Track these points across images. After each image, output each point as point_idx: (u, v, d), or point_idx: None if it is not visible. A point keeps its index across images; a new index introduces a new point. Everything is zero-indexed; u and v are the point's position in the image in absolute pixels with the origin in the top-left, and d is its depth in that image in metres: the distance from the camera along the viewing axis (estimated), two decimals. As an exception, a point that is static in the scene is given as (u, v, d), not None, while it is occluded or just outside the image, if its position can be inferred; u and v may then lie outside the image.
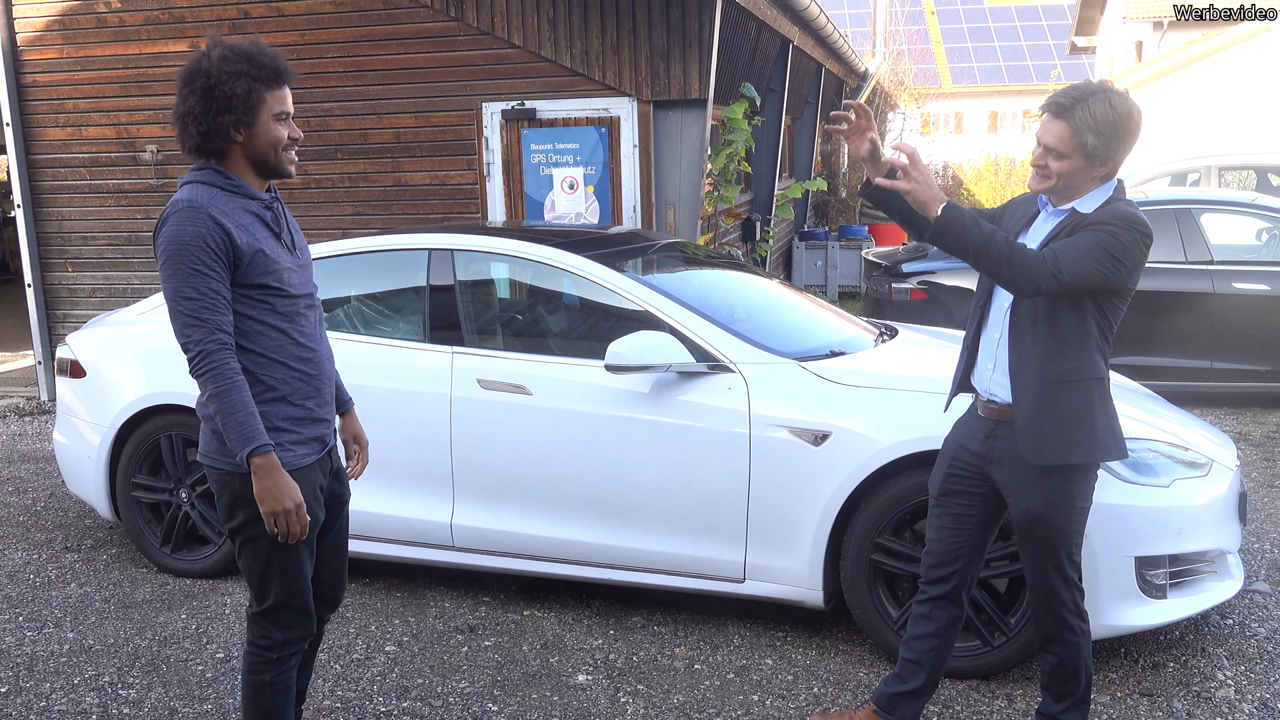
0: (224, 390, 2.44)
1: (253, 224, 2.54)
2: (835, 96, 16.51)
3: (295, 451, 2.59)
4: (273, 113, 2.53)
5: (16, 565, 4.89)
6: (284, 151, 2.57)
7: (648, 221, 7.39)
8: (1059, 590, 2.94)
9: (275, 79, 2.53)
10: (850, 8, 30.91)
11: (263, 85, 2.50)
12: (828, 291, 12.79)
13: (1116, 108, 2.72)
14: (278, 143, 2.55)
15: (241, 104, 2.48)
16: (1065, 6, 31.43)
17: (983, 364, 2.98)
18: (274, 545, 2.59)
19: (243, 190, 2.56)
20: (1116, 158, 2.78)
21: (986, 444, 2.96)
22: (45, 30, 8.17)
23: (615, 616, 4.19)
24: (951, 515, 3.06)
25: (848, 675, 3.70)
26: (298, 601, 2.67)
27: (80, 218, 8.46)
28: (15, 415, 7.99)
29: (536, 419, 4.05)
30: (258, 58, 2.50)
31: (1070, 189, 2.81)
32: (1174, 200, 7.49)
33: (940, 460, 3.11)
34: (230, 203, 2.52)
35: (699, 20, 7.08)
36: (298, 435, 2.60)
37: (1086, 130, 2.72)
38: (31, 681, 3.75)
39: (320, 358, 2.67)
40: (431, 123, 7.66)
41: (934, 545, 3.10)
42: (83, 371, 4.84)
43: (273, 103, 2.52)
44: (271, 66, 2.52)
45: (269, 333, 2.55)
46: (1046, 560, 2.91)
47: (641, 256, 4.72)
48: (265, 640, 2.69)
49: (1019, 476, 2.89)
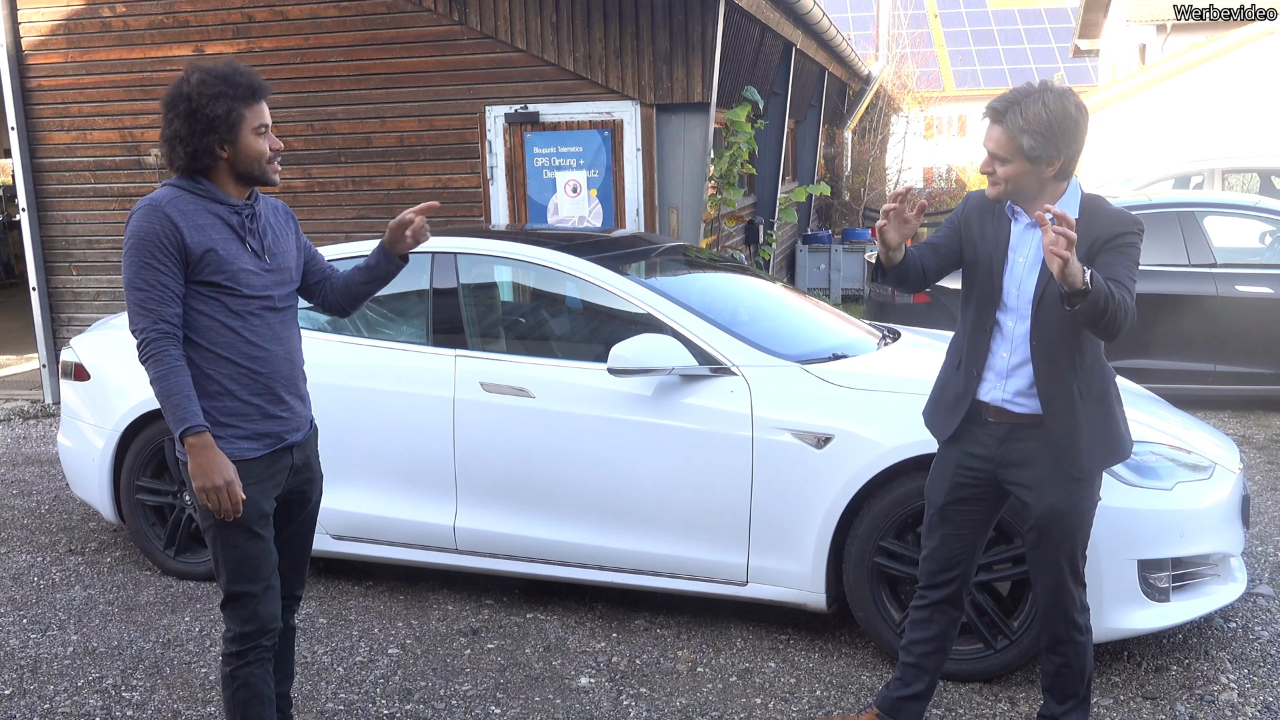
0: (162, 375, 2.56)
1: (213, 225, 2.66)
2: (838, 100, 16.53)
3: (238, 445, 2.68)
4: (252, 127, 2.66)
5: (21, 568, 4.90)
6: (267, 164, 2.71)
7: (651, 225, 7.40)
8: (1070, 588, 2.95)
9: (252, 95, 2.66)
10: (854, 10, 30.94)
11: (240, 103, 2.63)
12: (830, 294, 12.79)
13: (1050, 107, 2.70)
14: (261, 156, 2.69)
15: (223, 124, 2.62)
16: (1069, 9, 31.46)
17: (991, 383, 2.94)
18: (219, 533, 2.68)
19: (210, 195, 2.68)
20: (1060, 156, 2.75)
21: (1002, 448, 2.93)
22: (50, 35, 8.19)
23: (618, 619, 4.19)
24: (955, 522, 3.05)
25: (850, 678, 3.70)
26: (245, 588, 2.71)
27: (85, 221, 8.48)
28: (20, 418, 8.01)
29: (539, 422, 4.05)
30: (234, 78, 2.64)
31: (1021, 193, 2.80)
32: (1177, 203, 7.48)
33: (940, 469, 3.08)
34: (193, 204, 2.65)
35: (702, 24, 7.09)
36: (242, 430, 2.69)
37: (1021, 133, 2.71)
38: (36, 684, 3.76)
39: (273, 358, 2.74)
40: (435, 126, 7.67)
41: (936, 551, 3.09)
42: (87, 374, 4.86)
43: (251, 118, 2.66)
44: (247, 84, 2.65)
45: (218, 329, 2.66)
46: (1063, 558, 2.92)
47: (644, 260, 4.73)
48: (228, 632, 2.76)
49: (1044, 476, 2.89)
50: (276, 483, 2.78)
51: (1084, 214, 2.80)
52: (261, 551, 2.73)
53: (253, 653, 2.75)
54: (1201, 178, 11.37)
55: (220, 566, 2.72)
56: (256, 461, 2.71)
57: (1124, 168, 14.39)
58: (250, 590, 2.72)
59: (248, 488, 2.67)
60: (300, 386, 2.85)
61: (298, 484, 2.87)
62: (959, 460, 3.02)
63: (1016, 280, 2.88)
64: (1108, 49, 25.11)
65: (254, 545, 2.71)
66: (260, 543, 2.72)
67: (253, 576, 2.72)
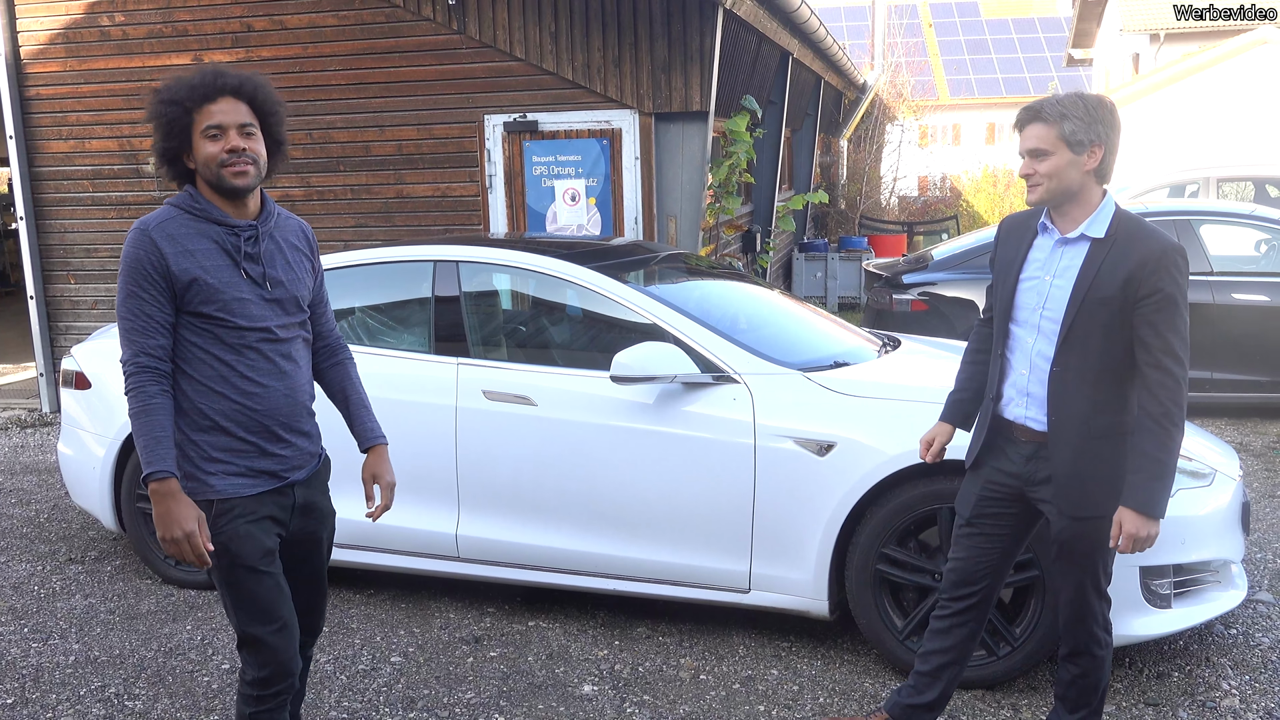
0: (138, 411, 2.44)
1: (206, 250, 2.51)
2: (834, 108, 16.58)
3: (231, 481, 2.54)
4: (200, 129, 2.49)
5: (21, 577, 4.90)
6: (222, 167, 2.49)
7: (649, 233, 7.41)
8: (1092, 603, 2.93)
9: (202, 98, 2.49)
10: (848, 20, 31.04)
11: (192, 105, 2.48)
12: (827, 302, 12.82)
13: (1086, 97, 2.75)
14: (210, 160, 2.49)
15: (177, 128, 2.50)
16: (1062, 19, 31.58)
17: (1013, 399, 2.94)
18: (223, 573, 2.56)
19: (208, 215, 2.53)
20: (1101, 143, 2.73)
21: (1029, 466, 2.92)
22: (49, 43, 8.20)
23: (621, 627, 4.20)
24: (983, 535, 3.03)
25: (853, 685, 3.71)
26: (257, 632, 2.57)
27: (82, 230, 8.48)
28: (17, 427, 7.99)
29: (541, 430, 4.06)
30: (188, 80, 2.50)
31: (1064, 191, 2.76)
32: (1173, 212, 7.52)
33: (970, 483, 3.07)
34: (187, 227, 2.51)
35: (700, 33, 7.12)
36: (235, 467, 2.55)
37: (1062, 119, 2.71)
38: (38, 693, 3.76)
39: (271, 394, 2.58)
40: (433, 135, 7.69)
41: (961, 564, 3.07)
42: (88, 383, 4.85)
43: (200, 119, 2.49)
44: (199, 84, 2.49)
45: (211, 361, 2.52)
46: (1084, 574, 2.90)
47: (644, 268, 4.74)
48: (246, 674, 2.63)
49: None
50: (275, 525, 2.61)
51: (1120, 234, 2.75)
52: (270, 590, 2.57)
53: (273, 699, 2.62)
54: (1196, 186, 11.43)
55: (229, 607, 2.59)
56: (255, 499, 2.57)
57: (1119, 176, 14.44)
58: (262, 633, 2.57)
59: (245, 524, 2.53)
60: (304, 422, 2.67)
61: (305, 525, 2.72)
62: (988, 475, 3.01)
63: (1040, 297, 2.85)
64: (1101, 58, 25.22)
65: (260, 584, 2.56)
66: (267, 580, 2.57)
67: (263, 617, 2.57)
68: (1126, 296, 2.71)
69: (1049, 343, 2.83)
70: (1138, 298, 2.70)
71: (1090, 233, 2.78)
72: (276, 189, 7.77)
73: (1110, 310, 2.72)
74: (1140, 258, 2.70)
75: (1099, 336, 2.76)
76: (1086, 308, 2.75)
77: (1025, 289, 2.89)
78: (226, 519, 2.54)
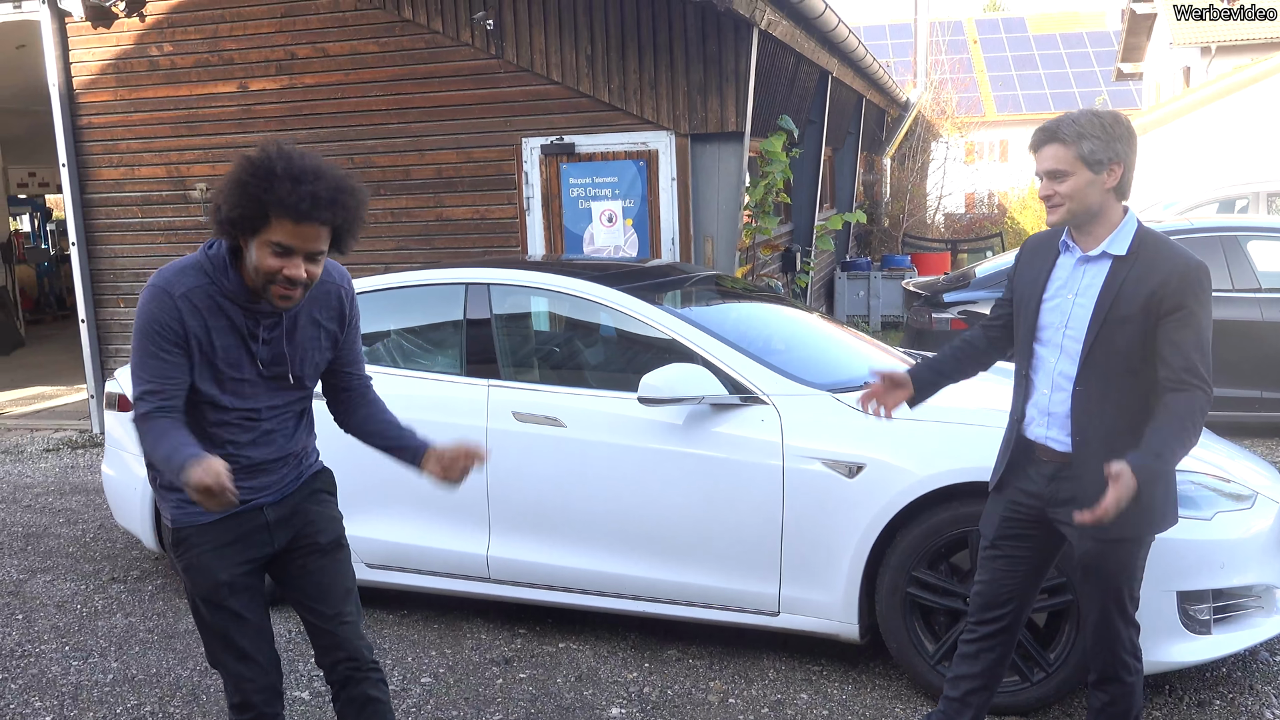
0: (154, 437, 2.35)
1: (221, 329, 2.43)
2: (876, 127, 16.51)
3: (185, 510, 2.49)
4: (269, 240, 2.31)
5: (65, 595, 4.99)
6: (271, 284, 2.36)
7: (686, 254, 7.42)
8: (1118, 628, 2.87)
9: (286, 212, 2.28)
10: (894, 38, 30.95)
11: (271, 210, 2.28)
12: (870, 322, 12.73)
13: (1101, 114, 2.74)
14: (263, 270, 2.35)
15: (248, 214, 2.30)
16: (1111, 33, 31.24)
17: (1035, 419, 2.91)
18: (192, 604, 2.56)
19: (229, 292, 2.42)
20: (1120, 161, 2.71)
21: (1050, 486, 2.89)
22: (100, 74, 8.41)
23: (650, 649, 4.18)
24: (1007, 558, 2.99)
25: (884, 710, 3.66)
26: (225, 662, 2.56)
27: (131, 255, 8.67)
28: (68, 448, 8.16)
29: (571, 451, 4.07)
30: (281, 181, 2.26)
31: (1085, 210, 2.74)
32: (1221, 228, 7.38)
33: (993, 504, 3.04)
34: (210, 300, 2.41)
35: (735, 54, 7.13)
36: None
37: (1080, 139, 2.69)
38: (75, 711, 3.82)
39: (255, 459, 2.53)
40: (472, 158, 7.77)
41: (986, 587, 3.03)
42: (130, 405, 4.95)
43: (274, 229, 2.30)
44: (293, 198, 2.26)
45: (198, 417, 2.47)
46: (1109, 598, 2.85)
47: (677, 289, 4.74)
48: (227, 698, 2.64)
49: None
50: (243, 549, 2.54)
51: (1142, 252, 2.72)
52: (224, 621, 2.53)
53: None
54: (1246, 201, 11.21)
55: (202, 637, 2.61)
56: (212, 526, 2.50)
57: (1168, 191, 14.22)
58: (225, 660, 2.56)
59: (201, 554, 2.49)
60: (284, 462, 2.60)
61: (296, 535, 2.64)
62: (1011, 496, 2.98)
63: (1064, 316, 2.81)
64: (1151, 72, 24.89)
65: (215, 615, 2.53)
66: (222, 612, 2.52)
67: (222, 646, 2.55)
68: (1149, 314, 2.68)
69: (1071, 362, 2.79)
70: (1160, 315, 2.67)
71: (1112, 250, 2.75)
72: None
73: (1132, 328, 2.68)
74: (1163, 275, 2.67)
75: (1121, 355, 2.72)
76: (1108, 326, 2.72)
77: (1049, 308, 2.86)
78: (183, 548, 2.52)
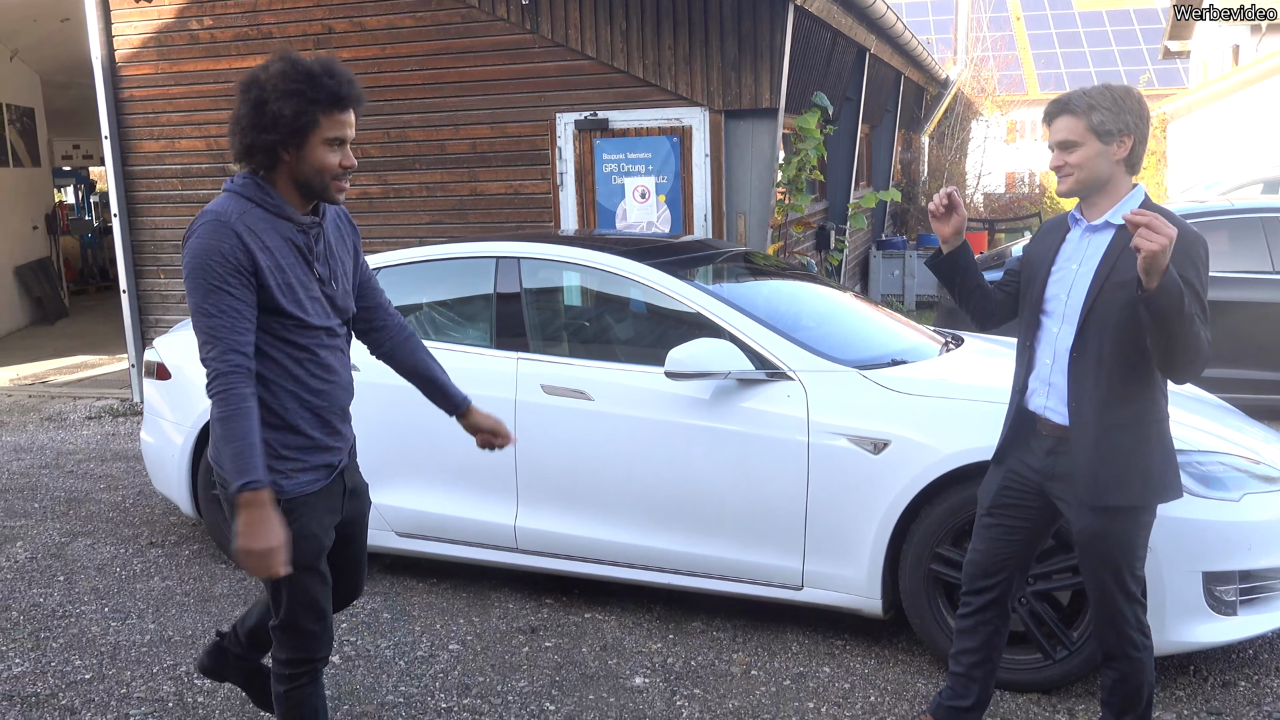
0: (228, 416, 2.33)
1: (281, 247, 2.44)
2: (915, 104, 16.34)
3: (299, 479, 2.53)
4: (325, 137, 2.38)
5: (105, 559, 5.11)
6: (333, 180, 2.43)
7: (718, 230, 7.42)
8: (1120, 605, 2.88)
9: (335, 103, 2.36)
10: (935, 14, 30.56)
11: (319, 108, 2.35)
12: (905, 300, 12.66)
13: (1113, 87, 2.77)
14: (326, 170, 2.41)
15: (289, 125, 2.35)
16: (1158, 10, 30.64)
17: (1036, 390, 2.94)
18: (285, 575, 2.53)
19: (280, 211, 2.44)
20: (1130, 133, 2.73)
21: (1048, 460, 2.92)
22: (142, 47, 8.52)
23: (675, 621, 4.23)
24: (1002, 527, 3.03)
25: (905, 685, 3.68)
26: (304, 625, 2.60)
27: (172, 227, 8.79)
28: (110, 415, 8.33)
29: (598, 424, 4.10)
30: (319, 78, 2.35)
31: (1094, 181, 2.77)
32: (1263, 209, 7.25)
33: (992, 473, 3.08)
34: (262, 221, 2.42)
35: (770, 30, 7.10)
36: (304, 463, 2.54)
37: (1090, 110, 2.73)
38: (114, 669, 3.93)
39: (335, 390, 2.58)
40: (507, 133, 7.80)
41: (979, 555, 3.07)
42: (168, 374, 5.05)
43: (327, 127, 2.38)
44: (332, 90, 2.35)
45: (284, 360, 2.47)
46: (1108, 575, 2.86)
47: (707, 265, 4.76)
48: (280, 653, 2.65)
49: None
50: (335, 513, 2.65)
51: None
52: (320, 586, 2.60)
53: (306, 675, 2.65)
54: (1293, 182, 11.01)
55: (281, 599, 2.57)
56: (318, 495, 2.57)
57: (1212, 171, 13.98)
58: (307, 624, 2.60)
59: (313, 524, 2.55)
60: (349, 411, 2.70)
61: (353, 507, 2.75)
62: (1010, 466, 3.02)
63: (1067, 285, 2.85)
64: (1199, 50, 24.38)
65: (315, 582, 2.58)
66: (323, 581, 2.60)
67: (312, 611, 2.60)
68: None
69: (1071, 330, 2.82)
70: None
71: (1115, 220, 2.78)
72: (355, 187, 7.96)
73: (1129, 294, 2.69)
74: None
75: (1116, 320, 2.73)
76: (1106, 291, 2.74)
77: (1055, 280, 2.90)
78: (293, 518, 2.51)
